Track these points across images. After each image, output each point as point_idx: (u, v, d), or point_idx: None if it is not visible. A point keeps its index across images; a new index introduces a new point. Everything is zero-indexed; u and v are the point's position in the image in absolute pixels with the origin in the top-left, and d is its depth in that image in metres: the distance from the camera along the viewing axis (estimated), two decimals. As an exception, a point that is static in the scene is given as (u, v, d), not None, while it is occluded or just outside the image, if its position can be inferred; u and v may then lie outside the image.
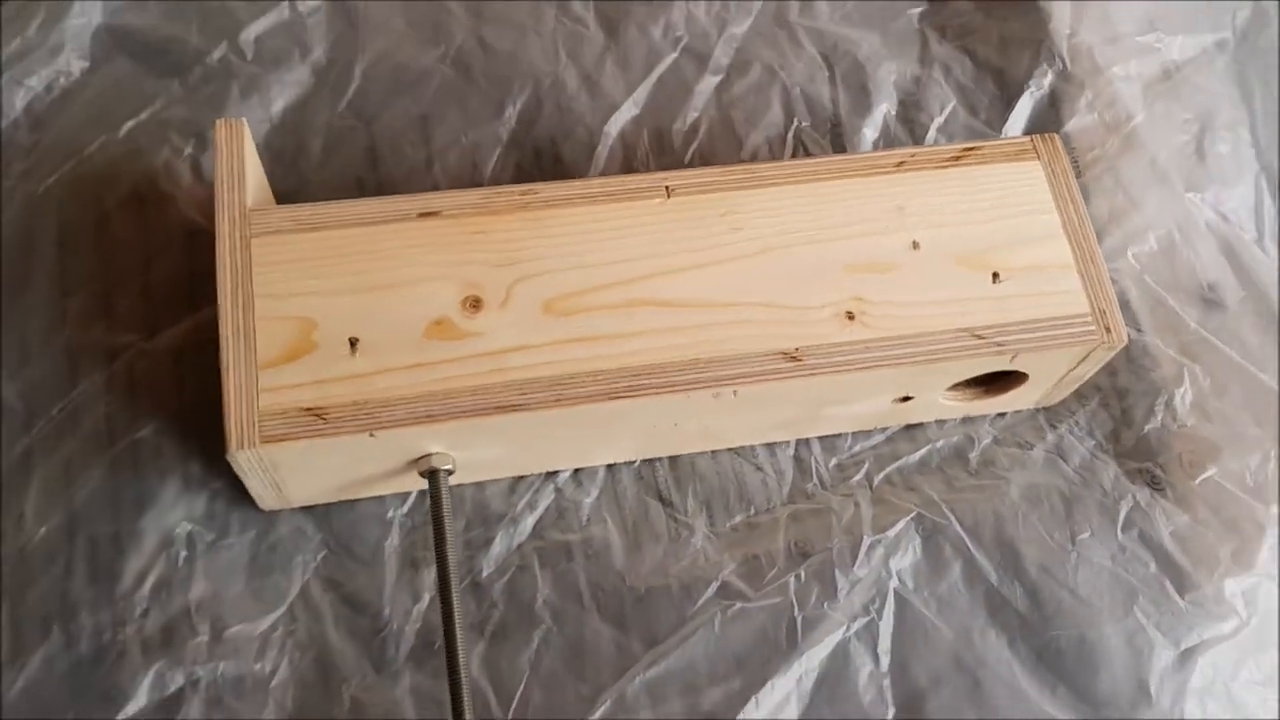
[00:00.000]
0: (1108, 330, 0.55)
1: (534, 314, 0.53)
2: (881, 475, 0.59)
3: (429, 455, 0.53)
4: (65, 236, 0.60)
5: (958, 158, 0.58)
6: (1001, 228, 0.57)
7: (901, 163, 0.58)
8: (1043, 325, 0.55)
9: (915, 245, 0.56)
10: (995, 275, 0.55)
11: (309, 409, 0.50)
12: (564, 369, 0.52)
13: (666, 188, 0.56)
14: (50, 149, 0.62)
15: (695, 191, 0.56)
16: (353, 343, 0.51)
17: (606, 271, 0.54)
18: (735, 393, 0.53)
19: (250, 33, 0.66)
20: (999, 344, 0.54)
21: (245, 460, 0.50)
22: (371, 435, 0.50)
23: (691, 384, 0.52)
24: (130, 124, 0.63)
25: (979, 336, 0.54)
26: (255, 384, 0.50)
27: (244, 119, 0.54)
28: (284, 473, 0.52)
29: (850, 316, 0.54)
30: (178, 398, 0.57)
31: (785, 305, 0.54)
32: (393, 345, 0.51)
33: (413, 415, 0.50)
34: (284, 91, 0.65)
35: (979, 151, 0.58)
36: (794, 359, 0.53)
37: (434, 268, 0.53)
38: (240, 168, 0.54)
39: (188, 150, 0.62)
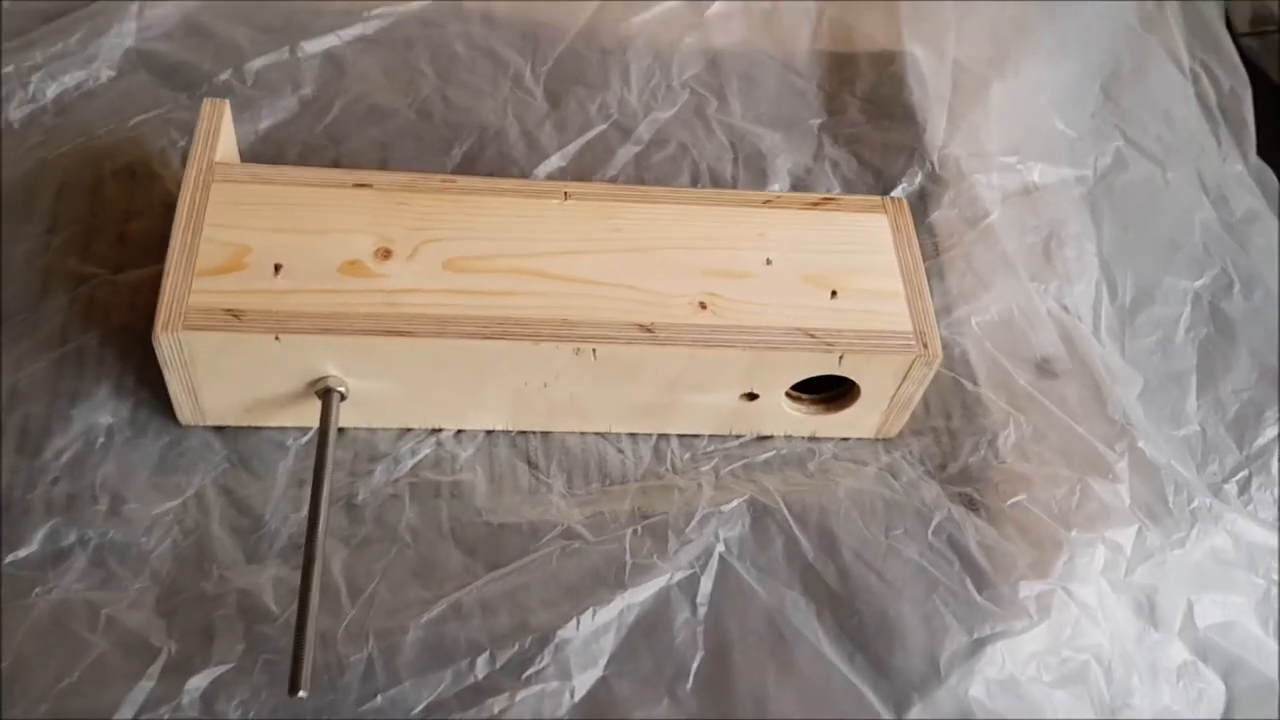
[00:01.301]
0: (925, 346, 0.63)
1: (434, 268, 0.62)
2: (728, 469, 0.66)
3: (326, 377, 0.61)
4: (64, 191, 0.71)
5: (817, 204, 0.68)
6: (845, 260, 0.66)
7: (768, 201, 0.68)
8: (869, 335, 0.63)
9: (769, 262, 0.65)
10: (834, 292, 0.65)
11: (229, 310, 0.59)
12: (449, 311, 0.61)
13: (565, 193, 0.67)
14: (67, 129, 0.74)
15: (589, 199, 0.66)
16: (277, 268, 0.61)
17: (502, 246, 0.64)
18: (595, 352, 0.61)
19: (253, 65, 0.79)
20: (829, 344, 0.63)
21: (167, 345, 0.58)
22: (277, 339, 0.59)
23: (557, 337, 0.61)
24: (138, 119, 0.75)
25: (812, 335, 0.63)
26: (189, 286, 0.59)
27: (226, 100, 0.66)
28: (200, 373, 0.60)
29: (703, 306, 0.63)
30: (128, 323, 0.66)
31: (648, 290, 0.63)
32: (310, 273, 0.61)
33: (314, 327, 0.59)
34: (273, 114, 0.77)
35: (836, 201, 0.69)
36: (648, 330, 0.62)
37: (358, 224, 0.63)
38: (215, 133, 0.65)
39: (181, 143, 0.74)
